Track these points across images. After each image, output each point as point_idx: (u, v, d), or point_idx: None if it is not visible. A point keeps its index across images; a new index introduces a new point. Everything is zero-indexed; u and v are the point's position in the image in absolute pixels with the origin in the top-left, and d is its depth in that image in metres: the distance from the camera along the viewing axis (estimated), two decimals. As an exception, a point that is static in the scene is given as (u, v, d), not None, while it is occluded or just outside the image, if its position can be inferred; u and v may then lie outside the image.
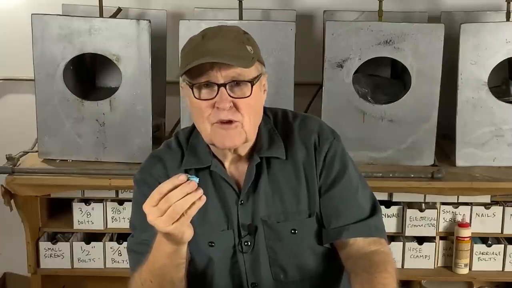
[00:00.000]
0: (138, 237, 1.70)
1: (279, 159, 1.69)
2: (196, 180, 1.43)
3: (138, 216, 1.63)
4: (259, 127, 1.68)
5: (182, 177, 1.42)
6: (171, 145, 1.75)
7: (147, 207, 1.43)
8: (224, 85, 1.55)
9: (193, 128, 1.74)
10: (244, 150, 1.68)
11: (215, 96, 1.56)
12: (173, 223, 1.42)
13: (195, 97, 1.58)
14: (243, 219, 1.69)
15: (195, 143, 1.72)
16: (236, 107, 1.57)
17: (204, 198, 1.43)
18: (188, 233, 1.47)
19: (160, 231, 1.45)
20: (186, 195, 1.41)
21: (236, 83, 1.57)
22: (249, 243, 1.70)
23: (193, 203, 1.42)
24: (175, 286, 1.59)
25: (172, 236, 1.46)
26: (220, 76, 1.55)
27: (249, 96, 1.57)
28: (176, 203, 1.40)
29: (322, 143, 1.70)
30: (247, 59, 1.57)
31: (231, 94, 1.56)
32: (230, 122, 1.58)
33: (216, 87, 1.56)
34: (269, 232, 1.69)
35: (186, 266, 1.59)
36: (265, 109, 1.72)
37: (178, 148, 1.74)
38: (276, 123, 1.74)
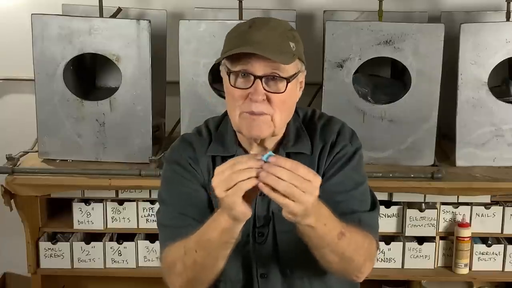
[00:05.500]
0: (171, 212, 1.71)
1: (299, 155, 1.70)
2: (265, 157, 1.42)
3: (171, 192, 1.72)
4: (288, 124, 1.71)
5: (259, 155, 1.42)
6: (201, 131, 1.79)
7: (217, 169, 1.43)
8: (261, 77, 1.58)
9: (223, 115, 1.77)
10: (270, 144, 1.70)
11: (250, 86, 1.58)
12: (226, 190, 1.41)
13: (230, 84, 1.61)
14: (259, 210, 1.71)
15: (223, 131, 1.75)
16: (268, 100, 1.59)
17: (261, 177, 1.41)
18: (241, 209, 1.44)
19: (217, 196, 1.44)
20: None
21: (273, 77, 1.59)
22: (263, 234, 1.72)
23: (250, 178, 1.40)
24: (218, 262, 1.59)
25: (224, 204, 1.45)
26: (259, 68, 1.57)
27: (283, 92, 1.59)
28: (234, 173, 1.41)
29: (338, 144, 1.73)
30: (288, 55, 1.58)
31: (266, 88, 1.59)
32: (260, 113, 1.60)
33: (252, 78, 1.58)
34: (279, 225, 1.71)
35: (233, 247, 1.58)
36: (297, 107, 1.75)
37: (207, 134, 1.77)
38: (304, 121, 1.77)
